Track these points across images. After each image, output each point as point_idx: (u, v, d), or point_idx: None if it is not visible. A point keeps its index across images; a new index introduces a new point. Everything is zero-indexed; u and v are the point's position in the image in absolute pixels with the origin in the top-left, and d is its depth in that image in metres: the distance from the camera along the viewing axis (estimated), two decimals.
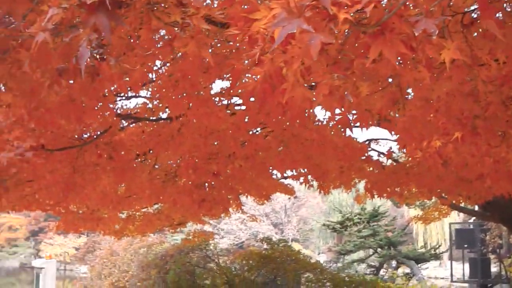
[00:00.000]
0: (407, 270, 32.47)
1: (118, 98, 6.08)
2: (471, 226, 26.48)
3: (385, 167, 6.52)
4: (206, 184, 6.48)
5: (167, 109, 5.50)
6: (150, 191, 7.18)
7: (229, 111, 4.96)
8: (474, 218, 40.09)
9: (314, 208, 64.46)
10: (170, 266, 16.12)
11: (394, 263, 35.95)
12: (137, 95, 6.16)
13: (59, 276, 63.64)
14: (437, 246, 39.38)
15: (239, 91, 4.02)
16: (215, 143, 5.20)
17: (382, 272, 35.06)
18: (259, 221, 25.68)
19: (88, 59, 2.38)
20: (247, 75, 2.67)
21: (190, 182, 6.20)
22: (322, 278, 13.04)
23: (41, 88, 2.65)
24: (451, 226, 28.51)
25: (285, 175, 9.14)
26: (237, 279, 13.93)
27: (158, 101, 5.27)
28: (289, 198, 53.32)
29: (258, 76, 2.15)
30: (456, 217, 37.40)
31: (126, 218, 11.83)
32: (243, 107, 5.01)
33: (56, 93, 3.03)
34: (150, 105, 5.69)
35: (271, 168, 5.94)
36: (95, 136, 5.19)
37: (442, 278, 36.04)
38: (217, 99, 5.14)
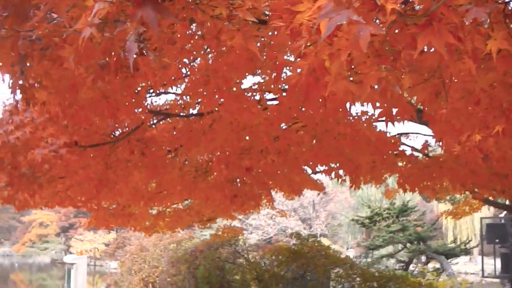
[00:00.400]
0: (437, 265, 32.11)
1: (148, 95, 6.08)
2: (503, 221, 26.07)
3: (418, 161, 6.41)
4: (238, 180, 6.47)
5: (197, 105, 5.50)
6: (181, 187, 7.18)
7: (260, 106, 4.92)
8: (505, 212, 39.56)
9: (342, 203, 64.25)
10: (200, 261, 16.14)
11: (423, 258, 35.59)
12: (167, 91, 6.15)
13: (89, 272, 64.30)
14: (467, 241, 38.95)
15: (275, 85, 3.99)
16: (247, 138, 5.17)
17: (411, 267, 34.77)
18: (288, 216, 25.58)
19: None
20: (288, 68, 2.63)
21: (222, 178, 6.18)
22: (352, 273, 12.93)
23: (82, 84, 2.63)
24: (482, 221, 28.11)
25: (316, 170, 9.10)
26: (267, 275, 13.88)
27: (188, 97, 5.25)
28: (318, 194, 53.24)
29: (300, 69, 2.11)
30: (486, 211, 36.93)
31: (157, 214, 11.88)
32: (275, 102, 4.98)
33: (98, 89, 3.02)
34: (180, 101, 5.68)
35: (303, 163, 5.92)
36: (127, 133, 5.19)
37: (472, 274, 35.65)
38: (249, 94, 5.10)
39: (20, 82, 3.15)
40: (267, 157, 5.16)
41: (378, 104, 2.73)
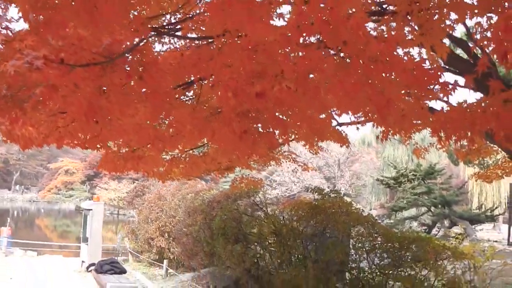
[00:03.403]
0: (460, 231, 31.50)
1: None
2: None
3: (458, 104, 5.59)
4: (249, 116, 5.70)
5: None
6: (192, 126, 6.47)
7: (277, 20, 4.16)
8: None
9: (367, 164, 64.02)
10: (217, 212, 15.69)
11: (447, 222, 35.07)
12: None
13: (113, 220, 65.24)
14: (494, 208, 38.34)
15: None
16: (259, 59, 4.39)
17: (434, 231, 34.30)
18: (312, 170, 25.00)
19: None
20: None
21: (229, 109, 5.43)
22: (374, 233, 12.30)
23: None
24: (511, 187, 27.29)
25: (340, 114, 8.33)
26: (285, 229, 13.34)
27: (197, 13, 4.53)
28: (343, 154, 52.71)
29: None
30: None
31: (171, 160, 11.28)
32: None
33: None
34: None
35: (324, 95, 5.03)
36: (123, 52, 4.47)
37: (495, 241, 34.96)
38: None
39: None
40: (282, 83, 4.33)
41: None
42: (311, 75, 4.47)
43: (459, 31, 18.53)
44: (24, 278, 19.65)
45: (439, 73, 4.11)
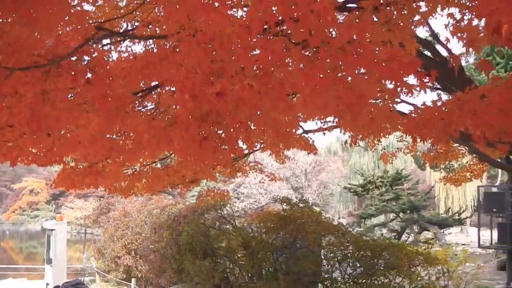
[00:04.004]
0: (429, 236, 31.55)
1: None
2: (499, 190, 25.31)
3: (433, 103, 5.27)
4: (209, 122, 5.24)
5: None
6: (150, 136, 6.02)
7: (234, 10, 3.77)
8: (500, 180, 39.08)
9: (334, 172, 64.13)
10: (183, 227, 15.24)
11: (416, 228, 35.14)
12: None
13: (80, 240, 64.05)
14: (461, 211, 38.66)
15: None
16: (215, 54, 3.92)
17: (403, 237, 34.33)
18: (279, 180, 24.75)
19: None
20: None
21: (188, 114, 4.98)
22: (345, 242, 12.02)
23: None
24: (479, 189, 27.34)
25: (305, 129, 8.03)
26: (254, 242, 12.95)
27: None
28: (310, 164, 52.74)
29: None
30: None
31: (132, 174, 10.83)
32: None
33: None
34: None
35: (289, 91, 4.57)
36: (67, 54, 4.04)
37: (464, 245, 35.21)
38: None
39: None
40: (243, 81, 3.88)
41: None
42: (276, 72, 4.08)
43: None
44: None
45: (414, 64, 3.76)
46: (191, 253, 14.35)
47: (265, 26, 3.42)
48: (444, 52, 8.37)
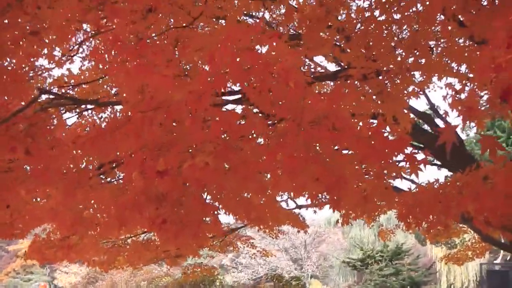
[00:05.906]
0: None
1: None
2: (502, 268, 24.57)
3: (428, 185, 4.66)
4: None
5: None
6: (117, 211, 5.40)
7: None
8: (501, 258, 38.15)
9: (334, 244, 62.98)
10: None
11: None
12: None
13: None
14: None
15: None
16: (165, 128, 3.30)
17: None
18: (270, 256, 24.00)
19: None
20: None
21: (139, 192, 4.36)
22: None
23: None
24: (482, 267, 26.52)
25: (298, 204, 7.48)
26: None
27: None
28: (308, 234, 51.76)
29: None
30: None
31: (111, 247, 10.17)
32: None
33: None
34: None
35: (259, 170, 3.84)
36: (4, 118, 3.49)
37: None
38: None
39: None
40: (195, 157, 3.18)
41: None
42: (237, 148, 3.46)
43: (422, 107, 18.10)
44: None
45: (403, 143, 3.14)
46: None
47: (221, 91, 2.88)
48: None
